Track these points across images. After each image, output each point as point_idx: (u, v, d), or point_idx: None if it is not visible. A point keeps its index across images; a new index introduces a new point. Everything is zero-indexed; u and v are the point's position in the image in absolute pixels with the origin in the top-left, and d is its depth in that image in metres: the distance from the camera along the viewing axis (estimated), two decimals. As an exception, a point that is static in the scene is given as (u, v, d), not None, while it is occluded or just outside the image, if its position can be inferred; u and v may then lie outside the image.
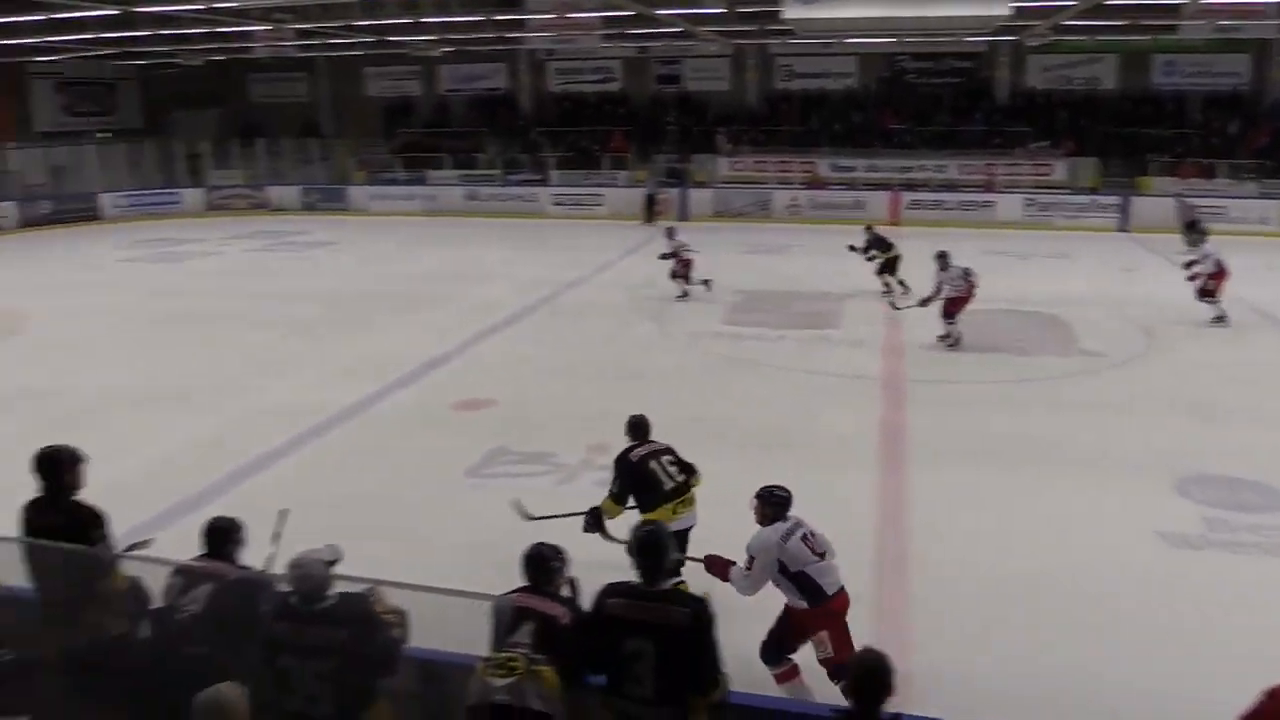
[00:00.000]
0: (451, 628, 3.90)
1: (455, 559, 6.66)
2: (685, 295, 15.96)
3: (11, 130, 29.13)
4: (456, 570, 5.76)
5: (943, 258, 12.93)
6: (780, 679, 5.10)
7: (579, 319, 14.93)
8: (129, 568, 4.48)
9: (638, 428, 6.39)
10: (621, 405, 10.42)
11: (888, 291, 15.46)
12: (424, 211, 28.19)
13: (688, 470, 6.23)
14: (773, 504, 5.09)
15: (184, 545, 4.69)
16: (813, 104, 29.44)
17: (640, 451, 6.20)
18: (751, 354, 12.63)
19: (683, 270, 16.08)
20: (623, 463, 6.17)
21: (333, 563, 3.87)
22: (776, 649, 5.09)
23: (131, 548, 4.84)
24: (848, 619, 5.02)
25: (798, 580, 4.93)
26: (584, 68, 31.04)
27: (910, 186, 26.18)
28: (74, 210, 27.99)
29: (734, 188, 27.16)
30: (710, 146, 28.43)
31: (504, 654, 3.52)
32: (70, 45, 23.09)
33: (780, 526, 5.03)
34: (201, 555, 4.56)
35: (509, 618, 3.77)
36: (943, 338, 12.83)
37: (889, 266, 15.88)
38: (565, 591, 4.04)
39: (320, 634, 3.64)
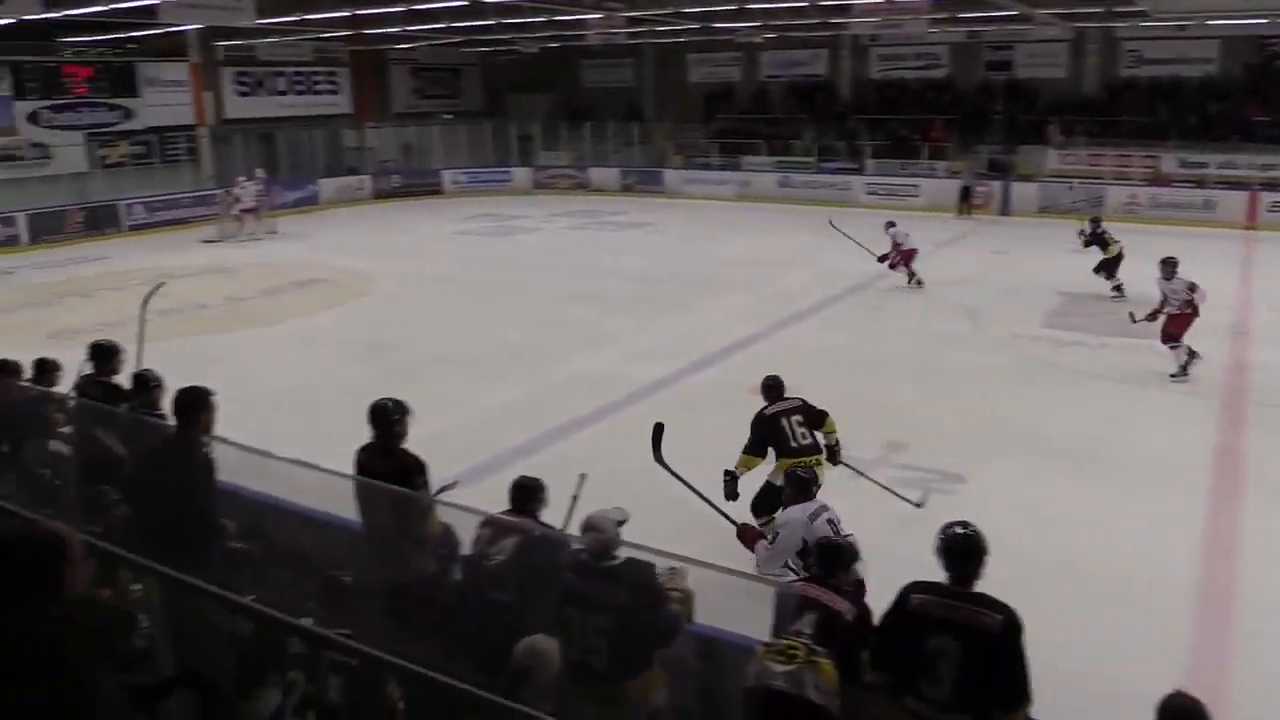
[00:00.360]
0: (733, 608, 3.92)
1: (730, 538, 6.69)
2: (919, 282, 15.88)
3: (374, 112, 32.46)
4: (744, 551, 5.81)
5: (1168, 265, 11.16)
6: None
7: (886, 311, 14.57)
8: (444, 514, 4.87)
9: (772, 389, 7.00)
10: (925, 403, 10.16)
11: (1117, 294, 14.33)
12: (736, 196, 28.52)
13: (817, 422, 6.85)
14: (794, 484, 5.44)
15: (494, 499, 5.02)
16: (1162, 93, 26.86)
17: (773, 409, 6.84)
18: (1069, 360, 11.78)
19: (903, 260, 15.88)
20: (757, 419, 6.82)
21: (621, 523, 4.00)
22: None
23: (441, 490, 5.25)
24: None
25: None
26: (908, 53, 30.10)
27: (1273, 186, 23.29)
28: (419, 184, 30.89)
29: (1063, 182, 25.35)
30: (1039, 137, 26.69)
31: (785, 641, 3.49)
32: (425, 34, 25.32)
33: (808, 506, 5.35)
34: (508, 510, 4.87)
35: (793, 606, 3.75)
36: (1175, 375, 10.95)
37: (1108, 266, 14.88)
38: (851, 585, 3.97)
39: (603, 590, 3.78)
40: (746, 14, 21.84)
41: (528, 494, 4.90)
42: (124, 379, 6.50)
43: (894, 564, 4.15)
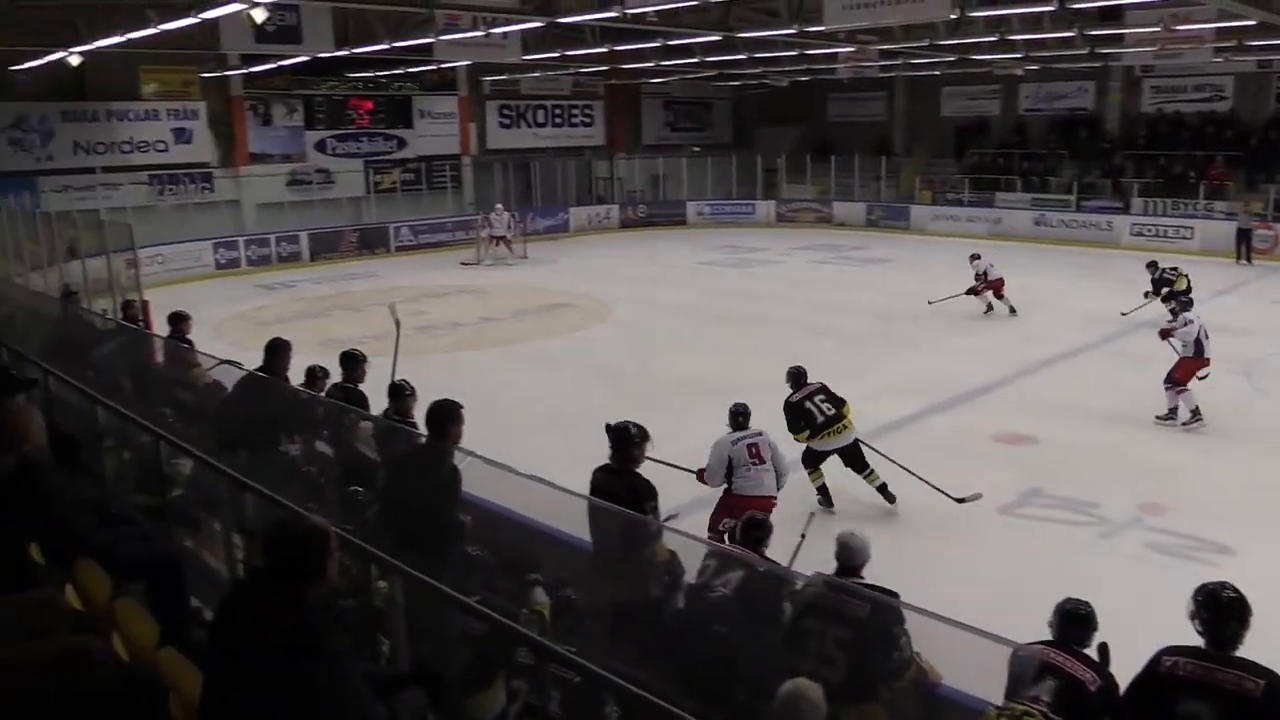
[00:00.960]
0: (965, 665, 3.75)
1: (978, 595, 6.41)
2: (1011, 309, 16.26)
3: (625, 143, 33.59)
4: (979, 607, 5.54)
5: (1174, 297, 10.79)
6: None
7: (1146, 362, 13.52)
8: (670, 541, 4.93)
9: (797, 377, 8.59)
10: (1189, 464, 9.36)
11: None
12: (987, 235, 27.39)
13: (838, 403, 8.32)
14: (732, 414, 7.29)
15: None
16: None
17: (798, 395, 8.41)
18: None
19: (989, 287, 16.23)
20: (787, 405, 8.40)
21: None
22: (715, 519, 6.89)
23: (667, 519, 5.32)
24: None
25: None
26: (1186, 85, 27.99)
27: None
28: (665, 215, 31.68)
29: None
30: (1341, 177, 24.13)
31: (1020, 706, 3.30)
32: (678, 68, 25.96)
33: (735, 434, 7.15)
34: (734, 543, 4.89)
35: (1032, 670, 3.55)
36: (1162, 416, 10.39)
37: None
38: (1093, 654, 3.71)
39: (845, 603, 3.74)
40: (1007, 45, 21.03)
41: (754, 530, 4.91)
42: (366, 387, 7.10)
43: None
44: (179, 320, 9.80)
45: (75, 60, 16.36)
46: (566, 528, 5.11)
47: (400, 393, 6.61)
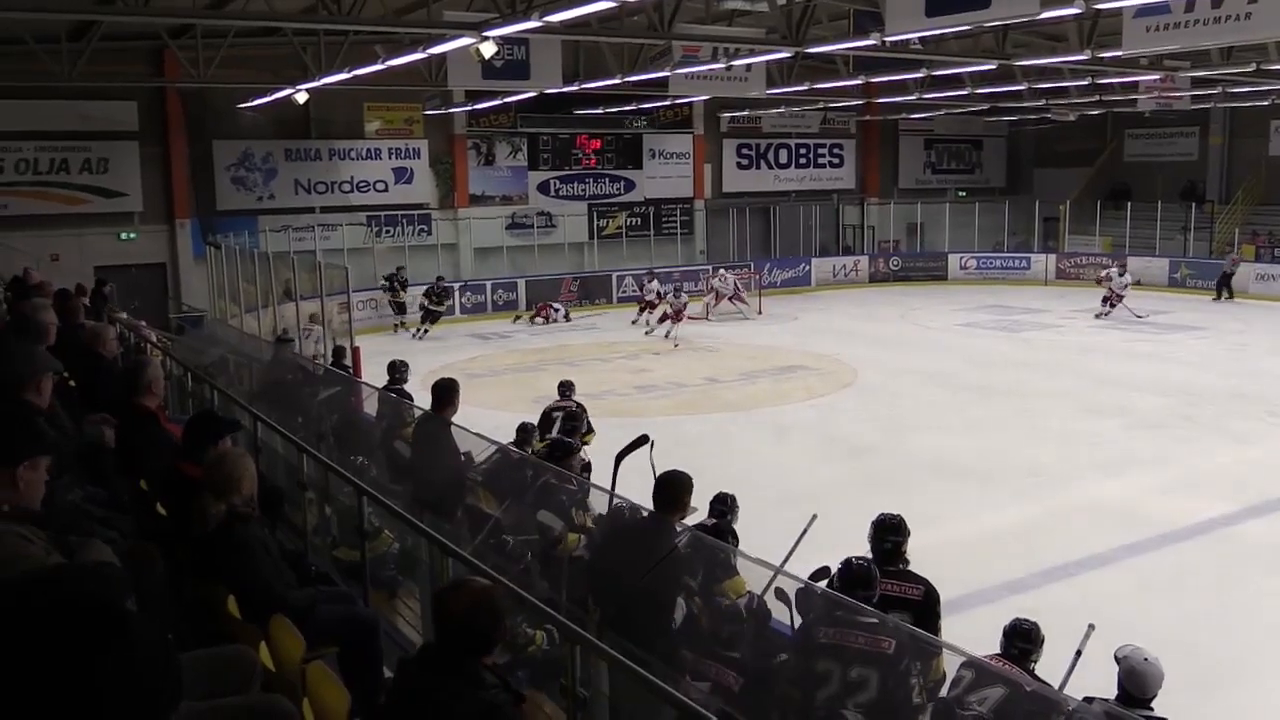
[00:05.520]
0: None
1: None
2: None
3: (879, 187, 33.37)
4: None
5: None
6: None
7: None
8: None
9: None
10: None
11: None
12: (1325, 299, 25.34)
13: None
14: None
15: (978, 638, 4.85)
16: None
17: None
18: None
19: None
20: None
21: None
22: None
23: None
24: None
25: None
26: None
27: None
28: (921, 268, 31.18)
29: None
30: None
31: None
32: (944, 102, 25.60)
33: None
34: (993, 655, 4.69)
35: None
36: None
37: None
38: None
39: None
40: (1358, 70, 19.51)
41: (1024, 641, 4.72)
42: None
43: None
44: (397, 369, 10.44)
45: (301, 98, 17.91)
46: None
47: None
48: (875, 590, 4.68)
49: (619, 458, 5.51)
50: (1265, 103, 25.84)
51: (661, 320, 21.63)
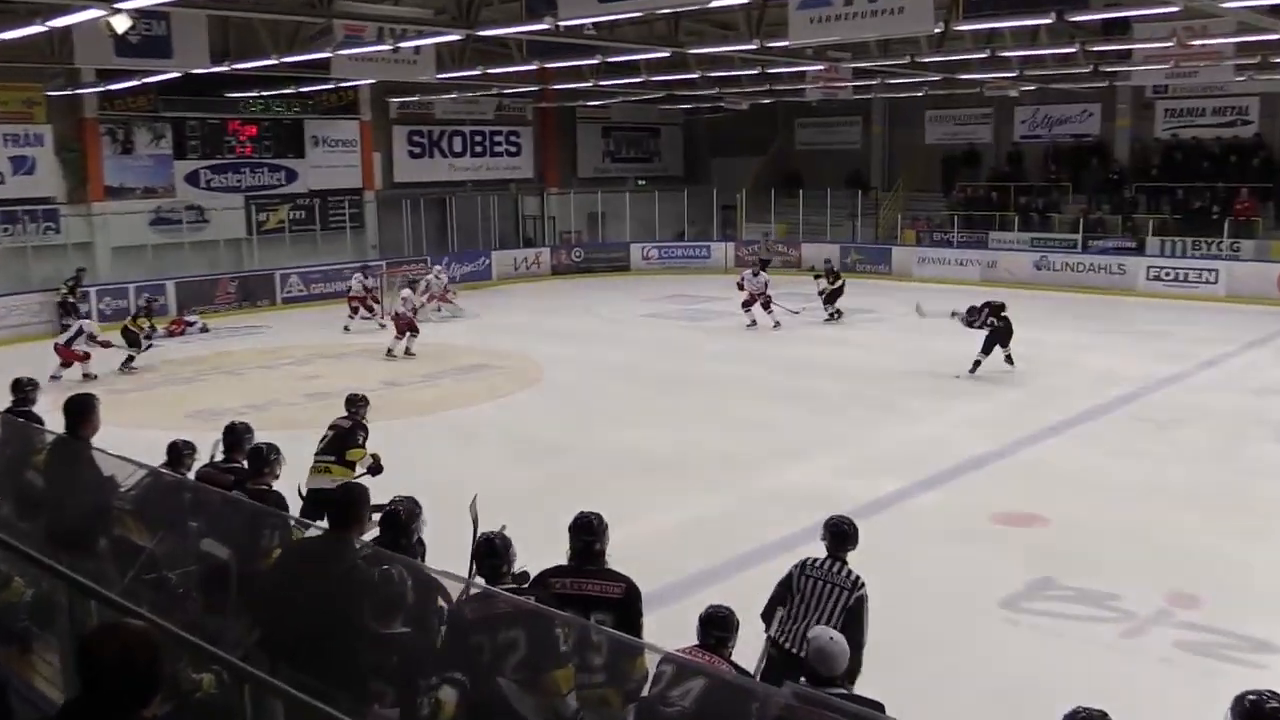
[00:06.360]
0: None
1: (977, 707, 6.40)
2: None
3: (558, 176, 33.88)
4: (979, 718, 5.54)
5: None
6: None
7: (1170, 428, 13.80)
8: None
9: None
10: (1226, 549, 9.48)
11: None
12: (980, 280, 27.90)
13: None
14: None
15: (675, 630, 4.99)
16: None
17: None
18: None
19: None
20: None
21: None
22: None
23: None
24: None
25: None
26: (1205, 107, 29.00)
27: None
28: (604, 259, 31.94)
29: None
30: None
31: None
32: (620, 89, 26.30)
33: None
34: (692, 647, 4.85)
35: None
36: None
37: None
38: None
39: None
40: (1000, 63, 21.65)
41: (719, 629, 4.88)
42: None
43: None
44: (22, 387, 9.46)
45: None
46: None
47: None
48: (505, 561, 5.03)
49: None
50: (919, 94, 28.21)
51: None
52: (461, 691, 4.20)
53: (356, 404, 9.46)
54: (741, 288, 22.46)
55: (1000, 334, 16.30)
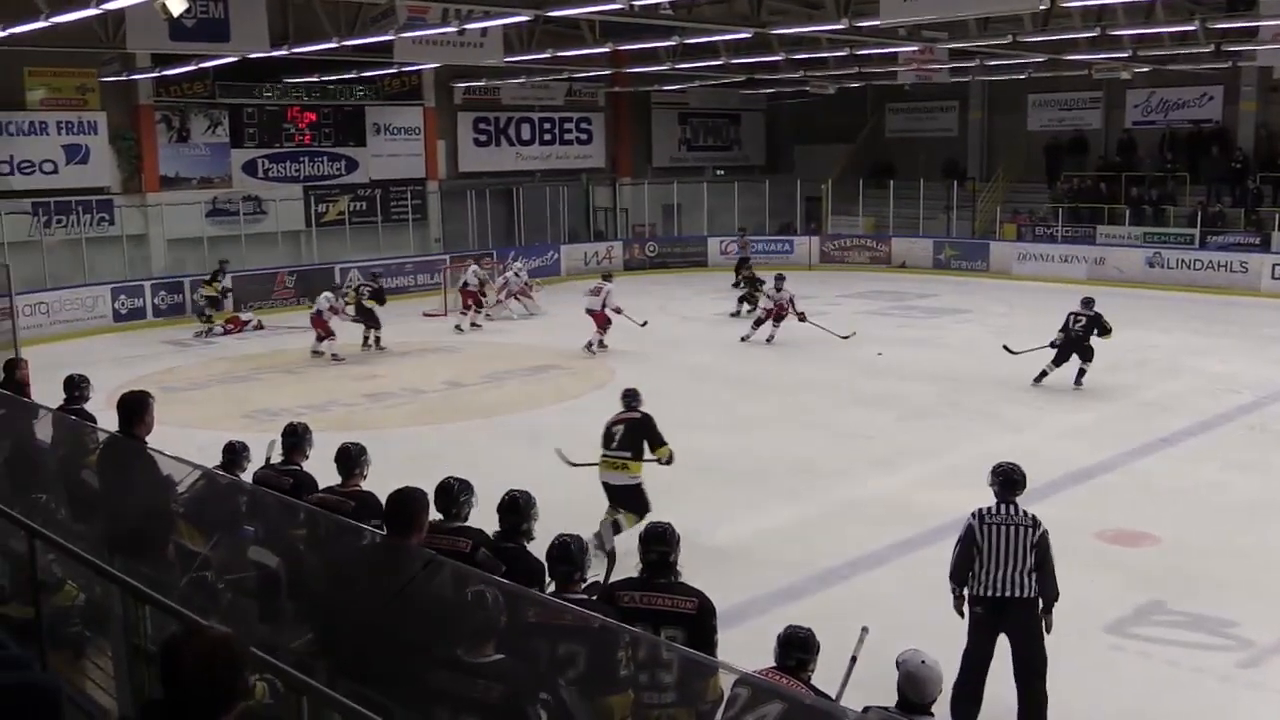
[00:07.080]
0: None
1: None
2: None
3: (632, 166, 34.00)
4: None
5: None
6: None
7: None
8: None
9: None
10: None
11: None
12: (1087, 279, 27.48)
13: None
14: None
15: (753, 651, 4.99)
16: None
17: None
18: None
19: None
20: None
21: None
22: None
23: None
24: None
25: None
26: (1340, 91, 28.32)
27: None
28: (680, 254, 32.10)
29: None
30: None
31: None
32: (698, 73, 26.31)
33: None
34: (769, 669, 4.84)
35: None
36: None
37: None
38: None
39: None
40: (1110, 42, 21.30)
41: (800, 650, 4.88)
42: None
43: None
44: (76, 385, 9.71)
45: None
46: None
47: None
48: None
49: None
50: (1022, 76, 27.87)
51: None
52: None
53: (635, 396, 10.49)
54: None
55: (1075, 344, 15.95)
